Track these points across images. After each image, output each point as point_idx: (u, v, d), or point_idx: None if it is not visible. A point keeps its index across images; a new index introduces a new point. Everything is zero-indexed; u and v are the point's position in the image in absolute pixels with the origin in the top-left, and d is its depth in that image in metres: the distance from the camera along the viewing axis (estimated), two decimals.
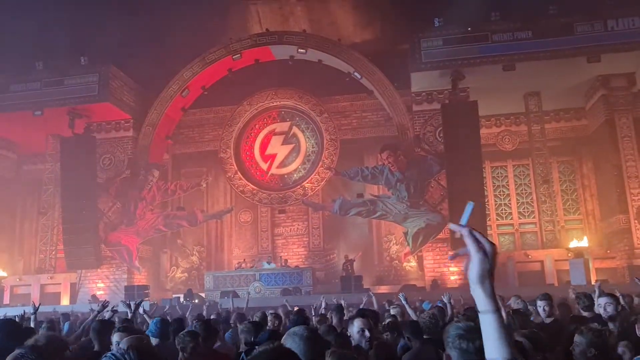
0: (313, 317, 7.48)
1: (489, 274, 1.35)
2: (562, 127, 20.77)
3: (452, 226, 1.41)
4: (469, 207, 1.40)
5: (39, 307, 6.53)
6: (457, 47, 17.88)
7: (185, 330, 4.68)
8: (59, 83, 19.97)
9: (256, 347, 3.50)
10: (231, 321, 7.86)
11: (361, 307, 8.38)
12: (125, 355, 1.71)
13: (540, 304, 5.75)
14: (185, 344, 4.19)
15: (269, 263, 19.37)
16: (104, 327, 4.64)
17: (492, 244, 1.37)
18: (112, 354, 1.75)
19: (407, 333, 4.60)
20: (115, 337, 4.19)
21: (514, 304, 7.51)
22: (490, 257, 1.35)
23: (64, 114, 19.70)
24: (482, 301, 1.34)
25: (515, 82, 18.19)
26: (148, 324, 5.83)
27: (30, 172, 23.02)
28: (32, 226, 23.08)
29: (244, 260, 20.59)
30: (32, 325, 5.85)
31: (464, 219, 1.37)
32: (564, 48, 17.35)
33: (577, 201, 20.69)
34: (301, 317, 6.01)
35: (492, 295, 1.35)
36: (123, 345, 3.13)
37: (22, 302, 18.50)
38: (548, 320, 5.65)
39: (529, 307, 7.02)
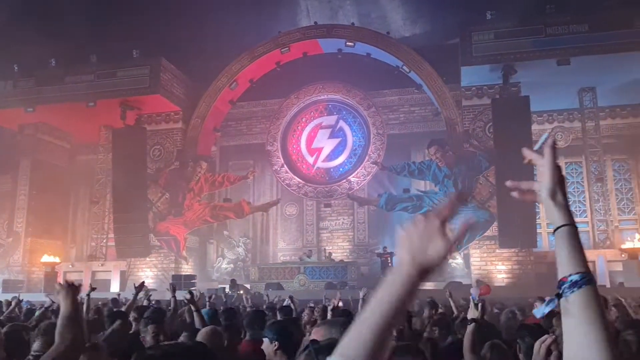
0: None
1: (560, 187, 1.30)
2: (618, 124, 20.10)
3: (525, 152, 1.38)
4: (543, 137, 1.41)
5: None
6: (509, 41, 17.41)
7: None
8: (112, 75, 20.36)
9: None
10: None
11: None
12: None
13: None
14: None
15: (308, 257, 19.32)
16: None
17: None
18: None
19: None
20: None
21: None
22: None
23: (116, 106, 20.13)
24: (556, 215, 1.29)
25: (569, 77, 17.58)
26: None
27: (83, 162, 23.56)
28: (85, 215, 23.73)
29: None
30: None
31: (538, 145, 1.39)
32: (622, 42, 16.62)
33: (633, 201, 19.99)
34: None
35: (566, 208, 1.29)
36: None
37: None
38: None
39: None
